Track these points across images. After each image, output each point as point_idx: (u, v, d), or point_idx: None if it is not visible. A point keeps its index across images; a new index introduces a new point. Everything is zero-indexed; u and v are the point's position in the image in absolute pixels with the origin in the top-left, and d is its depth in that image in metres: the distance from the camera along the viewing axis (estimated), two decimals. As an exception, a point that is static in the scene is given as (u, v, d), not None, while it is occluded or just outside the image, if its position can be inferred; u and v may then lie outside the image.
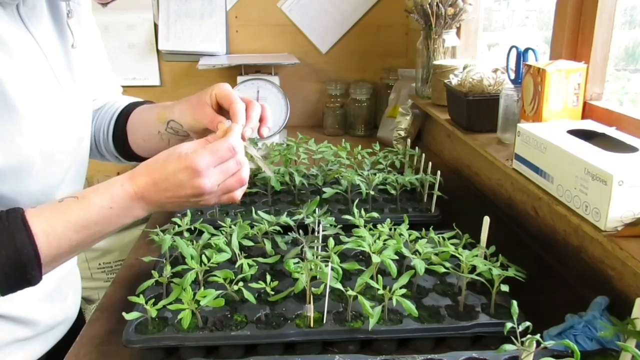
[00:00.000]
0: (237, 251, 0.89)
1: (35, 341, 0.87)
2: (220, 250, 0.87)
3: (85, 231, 0.66)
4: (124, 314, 0.75)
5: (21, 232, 0.61)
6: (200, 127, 0.84)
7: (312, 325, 0.76)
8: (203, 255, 0.85)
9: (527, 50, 1.07)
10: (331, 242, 0.85)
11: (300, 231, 0.92)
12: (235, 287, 0.80)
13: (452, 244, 0.87)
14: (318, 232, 0.93)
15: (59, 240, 0.63)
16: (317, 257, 0.82)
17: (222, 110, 0.82)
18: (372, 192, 1.15)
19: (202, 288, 0.82)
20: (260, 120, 0.82)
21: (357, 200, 1.11)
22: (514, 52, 1.12)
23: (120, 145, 0.97)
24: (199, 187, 0.68)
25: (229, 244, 0.89)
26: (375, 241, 0.85)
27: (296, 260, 0.84)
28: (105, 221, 0.67)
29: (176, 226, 0.95)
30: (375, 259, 0.80)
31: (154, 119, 0.91)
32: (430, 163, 1.24)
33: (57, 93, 0.77)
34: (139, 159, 0.97)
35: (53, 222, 0.64)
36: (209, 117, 0.81)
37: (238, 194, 0.75)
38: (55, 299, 0.90)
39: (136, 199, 0.68)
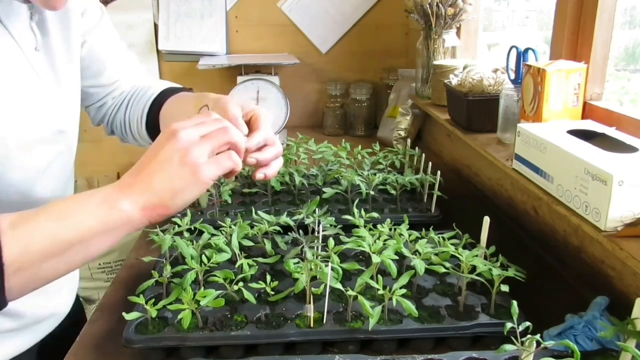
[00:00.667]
0: (237, 251, 0.89)
1: (21, 334, 0.85)
2: (220, 250, 0.87)
3: (63, 221, 0.57)
4: (124, 314, 0.75)
5: None
6: None
7: (312, 325, 0.76)
8: (203, 255, 0.85)
9: (527, 50, 1.07)
10: (331, 242, 0.85)
11: (300, 231, 0.92)
12: (235, 287, 0.80)
13: (452, 244, 0.87)
14: (318, 232, 0.93)
15: (30, 231, 0.56)
16: (317, 257, 0.82)
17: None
18: (372, 192, 1.15)
19: (202, 288, 0.82)
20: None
21: (357, 200, 1.11)
22: (514, 52, 1.12)
23: (153, 132, 0.97)
24: (170, 129, 0.62)
25: (229, 244, 0.89)
26: (375, 241, 0.85)
27: (296, 260, 0.84)
28: (83, 208, 0.59)
29: (176, 226, 0.95)
30: (375, 259, 0.80)
31: (189, 106, 0.86)
32: (430, 163, 1.24)
33: (35, 85, 0.75)
34: None
35: (24, 215, 0.57)
36: (234, 115, 0.73)
37: (235, 157, 0.65)
38: (49, 292, 0.86)
39: (117, 186, 0.61)
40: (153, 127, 0.97)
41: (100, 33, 0.94)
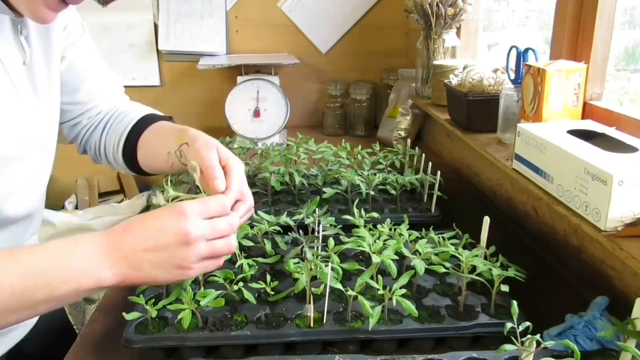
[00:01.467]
0: (237, 251, 0.89)
1: None
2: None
3: (32, 280, 0.56)
4: (124, 314, 0.75)
5: None
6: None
7: (312, 325, 0.76)
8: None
9: (527, 50, 1.07)
10: (331, 242, 0.85)
11: (300, 231, 0.92)
12: (235, 287, 0.80)
13: (452, 244, 0.87)
14: (318, 232, 0.93)
15: None
16: (317, 257, 0.82)
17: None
18: (372, 192, 1.15)
19: (202, 288, 0.82)
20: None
21: (357, 200, 1.11)
22: (514, 52, 1.12)
23: (128, 158, 0.96)
24: (184, 231, 0.61)
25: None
26: (375, 241, 0.85)
27: (296, 260, 0.84)
28: (58, 271, 0.57)
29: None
30: (375, 259, 0.80)
31: (169, 139, 0.86)
32: (430, 163, 1.24)
33: (14, 100, 0.73)
34: (146, 174, 0.98)
35: None
36: (212, 164, 0.75)
37: (221, 261, 0.69)
38: None
39: (105, 248, 0.60)
40: (130, 154, 0.95)
41: (80, 49, 0.92)
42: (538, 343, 0.59)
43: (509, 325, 0.63)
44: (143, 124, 0.96)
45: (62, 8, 0.67)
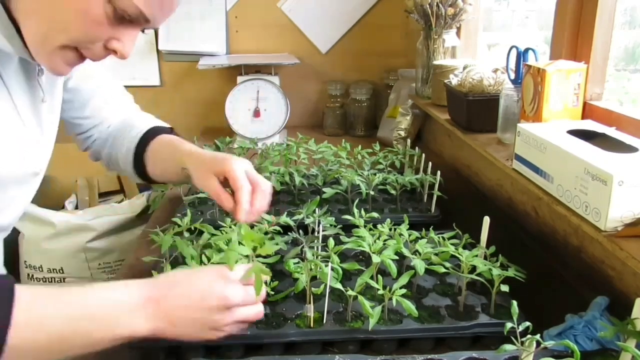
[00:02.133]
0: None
1: None
2: (220, 250, 0.87)
3: (72, 324, 0.58)
4: (124, 314, 0.75)
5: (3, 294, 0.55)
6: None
7: (312, 325, 0.76)
8: (203, 255, 0.85)
9: (527, 50, 1.07)
10: (331, 242, 0.85)
11: (300, 231, 0.91)
12: (235, 287, 0.80)
13: (452, 244, 0.87)
14: (318, 232, 0.93)
15: (40, 320, 0.56)
16: (317, 257, 0.82)
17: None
18: (372, 192, 1.15)
19: (202, 288, 0.82)
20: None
21: (357, 200, 1.11)
22: (514, 52, 1.12)
23: (139, 170, 1.02)
24: (227, 296, 0.65)
25: (228, 244, 0.89)
26: (375, 241, 0.85)
27: (296, 260, 0.84)
28: (98, 319, 0.59)
29: (176, 226, 0.95)
30: (375, 259, 0.79)
31: (173, 161, 0.94)
32: (430, 163, 1.24)
33: (19, 130, 0.75)
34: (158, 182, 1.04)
35: (42, 298, 0.58)
36: (214, 191, 0.83)
37: (247, 326, 0.72)
38: None
39: (148, 301, 0.62)
40: (140, 167, 1.01)
41: (85, 67, 0.91)
42: (538, 343, 0.59)
43: (509, 325, 0.63)
44: (148, 136, 1.00)
45: (80, 63, 0.69)
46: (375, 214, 0.99)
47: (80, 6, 0.61)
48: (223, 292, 0.65)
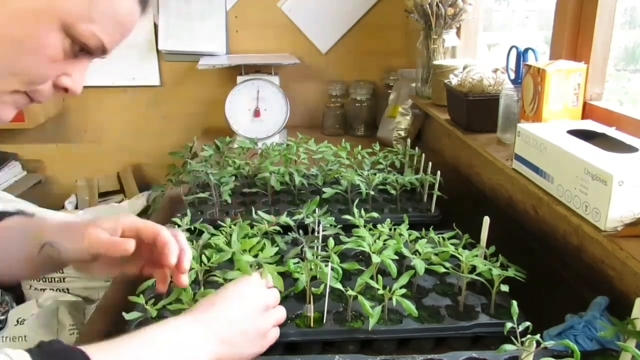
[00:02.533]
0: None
1: None
2: (220, 250, 0.87)
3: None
4: (124, 314, 0.75)
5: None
6: (85, 255, 0.70)
7: (312, 325, 0.76)
8: (203, 255, 0.85)
9: (527, 50, 1.07)
10: (331, 242, 0.85)
11: (300, 231, 0.91)
12: (235, 287, 0.80)
13: (452, 244, 0.87)
14: (318, 232, 0.93)
15: None
16: (317, 257, 0.82)
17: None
18: (372, 192, 1.15)
19: (202, 288, 0.82)
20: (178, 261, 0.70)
21: (357, 200, 1.11)
22: (514, 52, 1.12)
23: None
24: (262, 296, 0.69)
25: (229, 244, 0.89)
26: (375, 241, 0.85)
27: (296, 260, 0.84)
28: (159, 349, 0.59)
29: (176, 226, 0.95)
30: (375, 259, 0.80)
31: (26, 242, 0.74)
32: (430, 163, 1.24)
33: None
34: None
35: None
36: (105, 243, 0.68)
37: (278, 332, 0.72)
38: None
39: (199, 329, 0.63)
40: None
41: None
42: (538, 343, 0.59)
43: (509, 325, 0.63)
44: None
45: (27, 105, 0.61)
46: (375, 214, 0.99)
47: (33, 45, 0.54)
48: (257, 292, 0.69)
